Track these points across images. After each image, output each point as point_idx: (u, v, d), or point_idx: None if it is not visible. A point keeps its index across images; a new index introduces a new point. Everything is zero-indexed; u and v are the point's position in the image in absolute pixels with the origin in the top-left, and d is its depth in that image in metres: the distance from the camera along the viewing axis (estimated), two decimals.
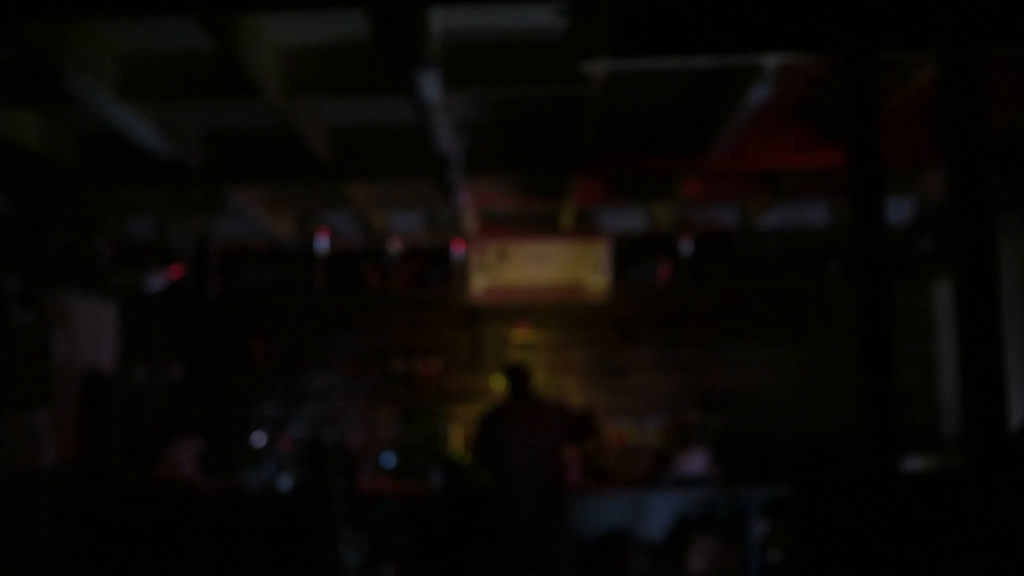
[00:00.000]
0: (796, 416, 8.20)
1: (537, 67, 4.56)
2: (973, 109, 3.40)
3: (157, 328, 8.28)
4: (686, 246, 8.26)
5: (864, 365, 3.83)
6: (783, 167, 5.98)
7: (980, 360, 3.37)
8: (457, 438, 8.18)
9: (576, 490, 7.18)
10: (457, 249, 8.24)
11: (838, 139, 5.61)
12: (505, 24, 4.42)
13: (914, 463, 5.73)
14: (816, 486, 4.56)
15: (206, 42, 4.17)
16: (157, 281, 8.07)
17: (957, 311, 3.44)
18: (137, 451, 7.88)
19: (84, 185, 6.14)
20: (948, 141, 3.46)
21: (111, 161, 6.03)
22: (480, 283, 8.21)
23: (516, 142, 5.89)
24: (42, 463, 6.73)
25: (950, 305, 7.84)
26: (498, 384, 7.72)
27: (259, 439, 7.45)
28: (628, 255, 8.37)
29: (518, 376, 6.71)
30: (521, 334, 8.41)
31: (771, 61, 4.21)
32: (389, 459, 7.85)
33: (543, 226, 8.10)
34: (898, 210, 7.71)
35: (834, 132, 5.68)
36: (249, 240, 8.08)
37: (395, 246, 8.23)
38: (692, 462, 7.58)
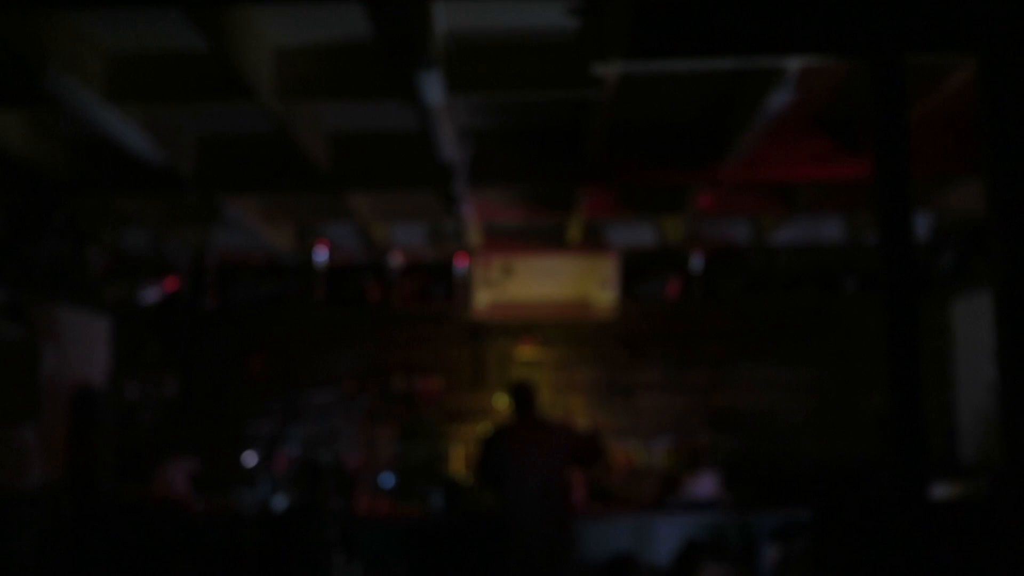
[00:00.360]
0: (810, 438, 7.99)
1: (545, 70, 4.34)
2: (1016, 115, 3.18)
3: (151, 342, 8.10)
4: (697, 262, 8.09)
5: (891, 387, 3.61)
6: (800, 179, 5.78)
7: (1021, 378, 3.14)
8: (459, 459, 7.99)
9: (581, 513, 7.01)
10: (460, 263, 8.07)
11: (858, 150, 5.41)
12: (512, 24, 4.21)
13: (940, 490, 5.49)
14: (839, 512, 4.34)
15: (198, 42, 3.97)
16: (151, 294, 7.91)
17: (997, 327, 3.21)
18: (129, 469, 7.71)
19: (75, 193, 5.94)
20: (988, 149, 3.24)
21: (103, 169, 5.82)
22: (484, 298, 8.04)
23: (522, 151, 5.68)
24: (29, 481, 6.55)
25: (969, 324, 7.69)
26: (502, 403, 7.54)
27: (250, 459, 7.23)
28: (637, 271, 8.20)
29: (523, 395, 6.54)
30: (526, 351, 8.21)
31: (793, 64, 3.99)
32: (388, 480, 7.67)
33: (549, 240, 7.92)
34: (916, 225, 7.50)
35: (854, 142, 5.47)
36: (247, 253, 7.91)
37: (396, 260, 8.07)
38: (701, 485, 7.42)
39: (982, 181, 3.34)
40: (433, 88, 4.06)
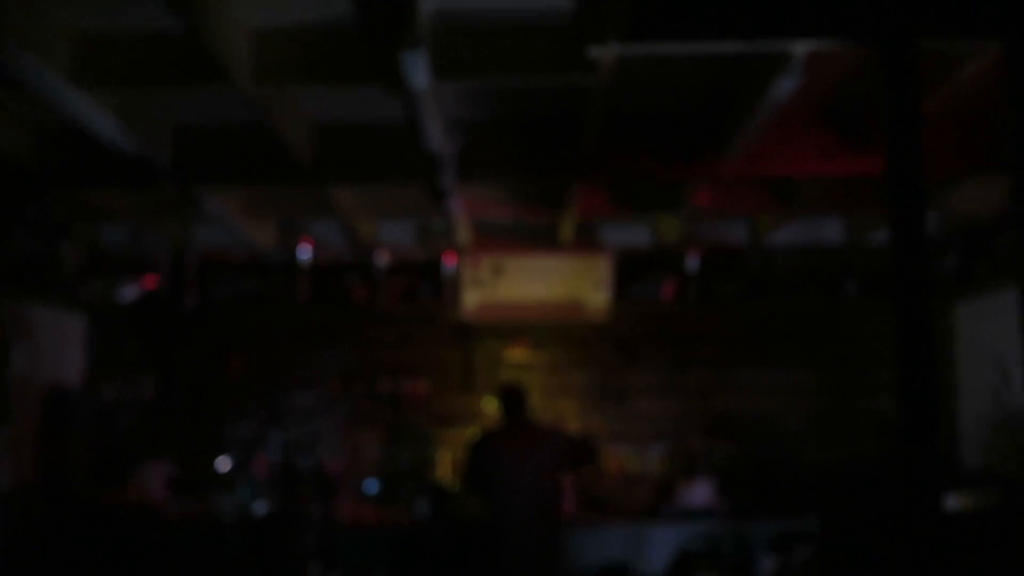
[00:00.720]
0: (808, 444, 7.83)
1: (538, 54, 4.12)
2: None
3: (128, 342, 7.87)
4: (693, 263, 7.93)
5: (902, 393, 3.40)
6: (803, 174, 5.58)
7: None
8: (446, 464, 7.79)
9: (572, 521, 6.81)
10: (449, 262, 7.88)
11: (865, 145, 5.20)
12: (503, 4, 3.98)
13: (951, 500, 5.29)
14: (847, 522, 4.13)
15: (169, 22, 3.73)
16: (130, 292, 7.70)
17: (1021, 324, 3.00)
18: (104, 472, 7.48)
19: (46, 185, 5.70)
20: (1014, 139, 3.03)
21: (75, 159, 5.59)
22: (473, 299, 7.84)
23: (514, 142, 5.46)
24: None
25: (972, 328, 7.50)
26: (491, 407, 7.35)
27: (224, 463, 7.00)
28: (631, 271, 8.04)
29: (512, 398, 6.33)
30: (516, 354, 8.03)
31: (800, 49, 3.78)
32: (372, 485, 7.47)
33: (541, 239, 7.72)
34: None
35: (858, 137, 5.26)
36: (228, 250, 7.69)
37: (383, 258, 7.87)
38: (696, 493, 7.28)
39: (1005, 175, 3.14)
40: (419, 71, 3.83)
